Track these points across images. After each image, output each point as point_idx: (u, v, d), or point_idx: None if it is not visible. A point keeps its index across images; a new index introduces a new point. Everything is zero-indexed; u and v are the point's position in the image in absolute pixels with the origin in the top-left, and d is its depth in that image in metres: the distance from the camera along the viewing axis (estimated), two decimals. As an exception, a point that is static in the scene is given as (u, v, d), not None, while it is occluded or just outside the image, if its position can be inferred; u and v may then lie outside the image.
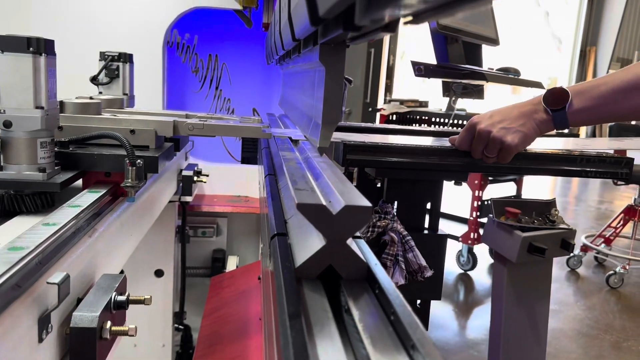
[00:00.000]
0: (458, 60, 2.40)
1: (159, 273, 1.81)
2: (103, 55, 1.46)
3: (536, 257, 1.62)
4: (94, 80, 1.45)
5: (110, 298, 0.74)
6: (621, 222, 4.48)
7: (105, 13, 2.06)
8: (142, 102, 1.68)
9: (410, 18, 0.42)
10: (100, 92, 1.48)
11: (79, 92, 1.37)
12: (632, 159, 1.23)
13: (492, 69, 2.56)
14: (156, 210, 1.37)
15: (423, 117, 4.50)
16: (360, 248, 0.63)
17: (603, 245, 4.59)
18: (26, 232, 0.69)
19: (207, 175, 1.75)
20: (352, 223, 0.57)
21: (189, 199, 1.70)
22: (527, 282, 1.73)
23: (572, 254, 4.55)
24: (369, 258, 0.60)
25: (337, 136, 1.22)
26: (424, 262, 1.17)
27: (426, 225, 1.31)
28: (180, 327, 2.04)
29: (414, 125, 4.57)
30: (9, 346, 0.55)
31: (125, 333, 0.73)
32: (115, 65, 1.45)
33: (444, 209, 4.66)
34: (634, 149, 1.58)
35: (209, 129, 1.12)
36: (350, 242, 0.60)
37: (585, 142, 1.61)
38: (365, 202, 0.57)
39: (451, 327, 3.42)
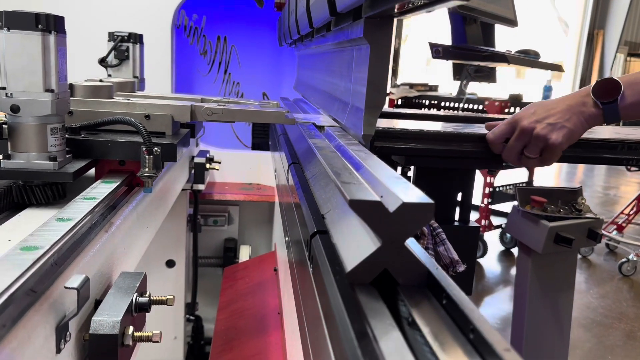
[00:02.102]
0: (476, 42, 2.32)
1: (170, 263, 1.75)
2: (112, 36, 1.38)
3: (562, 247, 1.56)
4: (103, 62, 1.37)
5: (132, 300, 0.67)
6: (634, 209, 4.41)
7: (111, -8, 1.97)
8: (149, 85, 1.61)
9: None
10: (109, 75, 1.40)
11: (85, 76, 1.30)
12: (678, 147, 1.16)
13: (511, 51, 2.48)
14: (170, 200, 1.30)
15: (433, 102, 4.41)
16: (414, 249, 0.56)
17: (615, 232, 4.53)
18: (39, 229, 0.63)
19: (220, 163, 1.68)
20: (411, 223, 0.50)
21: (201, 187, 1.64)
22: (552, 273, 1.68)
23: (583, 241, 4.48)
24: (426, 261, 0.54)
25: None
26: (456, 256, 1.11)
27: (457, 216, 1.24)
28: (191, 317, 1.98)
29: (423, 110, 4.49)
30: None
31: (149, 339, 0.66)
32: (125, 46, 1.37)
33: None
34: None
35: (228, 114, 1.04)
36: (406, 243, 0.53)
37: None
38: (426, 199, 0.50)
39: (463, 316, 3.38)
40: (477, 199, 4.16)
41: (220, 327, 1.37)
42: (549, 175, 8.37)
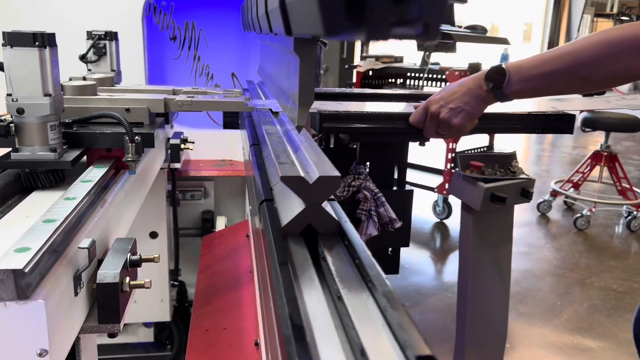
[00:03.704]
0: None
1: (153, 235, 1.95)
2: (90, 35, 1.54)
3: (498, 205, 1.78)
4: (83, 58, 1.54)
5: (126, 258, 0.88)
6: (588, 168, 4.70)
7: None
8: (125, 73, 1.76)
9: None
10: (90, 70, 1.57)
11: (64, 70, 1.45)
12: (574, 116, 1.38)
13: (461, 27, 2.66)
14: (150, 178, 1.49)
15: (398, 73, 4.61)
16: (334, 208, 0.78)
17: (572, 189, 4.83)
18: (53, 206, 0.82)
19: (193, 143, 1.86)
20: (325, 189, 0.71)
21: (177, 165, 1.82)
22: (491, 228, 1.90)
23: (542, 199, 4.79)
24: (340, 216, 0.75)
25: (314, 106, 1.34)
26: (393, 215, 1.33)
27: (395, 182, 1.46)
28: (175, 283, 2.20)
29: (390, 80, 4.68)
30: (55, 300, 0.69)
31: (142, 286, 0.87)
32: (102, 43, 1.54)
33: (421, 161, 4.79)
34: (606, 109, 1.69)
35: (196, 105, 1.23)
36: (325, 204, 0.74)
37: (559, 104, 1.70)
38: (335, 173, 0.71)
39: (428, 272, 3.65)
40: (440, 164, 4.41)
41: (200, 286, 1.58)
42: (520, 139, 8.67)
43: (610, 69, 1.04)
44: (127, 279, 0.86)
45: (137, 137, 1.09)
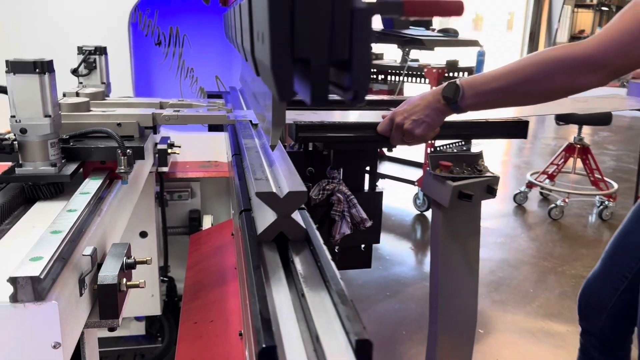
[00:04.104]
0: (403, 25, 2.63)
1: (143, 234, 2.06)
2: (81, 50, 1.65)
3: (465, 201, 1.92)
4: (75, 72, 1.64)
5: (123, 261, 0.99)
6: (562, 160, 4.88)
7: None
8: (113, 82, 1.86)
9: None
10: (81, 82, 1.67)
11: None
12: (527, 122, 1.52)
13: (434, 30, 2.78)
14: (140, 184, 1.61)
15: (379, 70, 4.73)
16: (303, 217, 0.90)
17: (547, 181, 5.01)
18: (58, 218, 0.94)
19: (180, 147, 1.97)
20: (294, 202, 0.84)
21: (165, 169, 1.93)
22: (459, 223, 2.04)
23: (519, 190, 4.96)
24: (308, 224, 0.87)
25: (292, 116, 1.47)
26: (364, 215, 1.46)
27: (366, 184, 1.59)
28: (165, 279, 2.32)
29: (371, 76, 4.80)
30: (65, 300, 0.81)
31: (137, 286, 0.99)
32: (92, 58, 1.64)
33: (402, 155, 4.91)
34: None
35: (182, 119, 1.35)
36: (295, 213, 0.87)
37: (519, 110, 1.81)
38: (303, 188, 0.84)
39: (409, 263, 3.81)
40: (420, 157, 4.56)
41: (189, 282, 1.70)
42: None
43: (548, 86, 1.18)
44: (124, 280, 0.98)
45: (128, 151, 1.20)
